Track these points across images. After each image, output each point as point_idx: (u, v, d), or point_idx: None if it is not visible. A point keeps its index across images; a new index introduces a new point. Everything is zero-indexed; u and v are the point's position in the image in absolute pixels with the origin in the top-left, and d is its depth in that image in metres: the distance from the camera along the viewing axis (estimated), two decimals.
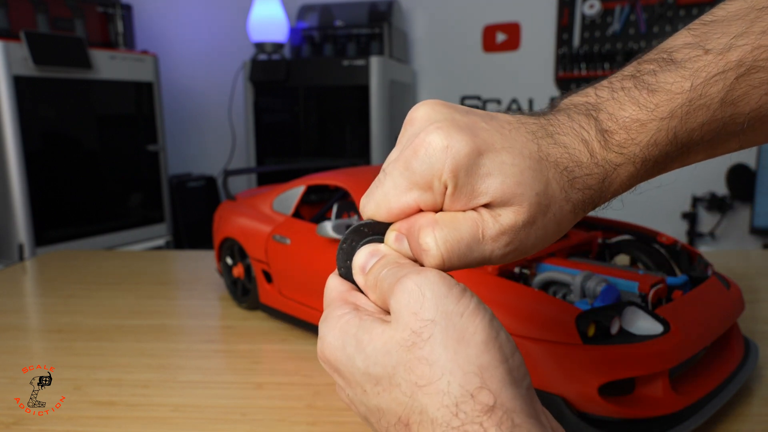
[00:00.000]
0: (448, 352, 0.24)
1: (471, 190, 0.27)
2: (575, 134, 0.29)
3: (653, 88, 0.29)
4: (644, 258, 0.74)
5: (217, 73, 2.89)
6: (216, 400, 0.64)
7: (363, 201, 0.30)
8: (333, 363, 0.28)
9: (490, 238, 0.28)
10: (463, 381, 0.23)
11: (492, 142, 0.27)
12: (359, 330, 0.27)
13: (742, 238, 2.61)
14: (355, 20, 2.68)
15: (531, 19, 2.73)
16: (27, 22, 2.03)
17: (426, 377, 0.24)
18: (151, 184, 2.42)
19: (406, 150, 0.28)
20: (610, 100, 0.30)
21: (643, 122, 0.29)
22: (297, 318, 0.81)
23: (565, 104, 0.31)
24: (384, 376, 0.25)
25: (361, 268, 0.30)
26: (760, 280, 0.98)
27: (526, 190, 0.27)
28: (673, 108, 0.28)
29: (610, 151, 0.29)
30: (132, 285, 1.09)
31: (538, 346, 0.50)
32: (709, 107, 0.28)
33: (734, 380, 0.57)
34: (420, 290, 0.25)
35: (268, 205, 0.89)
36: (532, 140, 0.28)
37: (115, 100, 2.24)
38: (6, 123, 1.87)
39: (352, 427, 0.58)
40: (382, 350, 0.25)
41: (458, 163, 0.27)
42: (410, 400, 0.24)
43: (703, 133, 0.29)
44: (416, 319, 0.25)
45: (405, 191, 0.28)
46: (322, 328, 0.28)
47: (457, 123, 0.28)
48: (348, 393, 0.28)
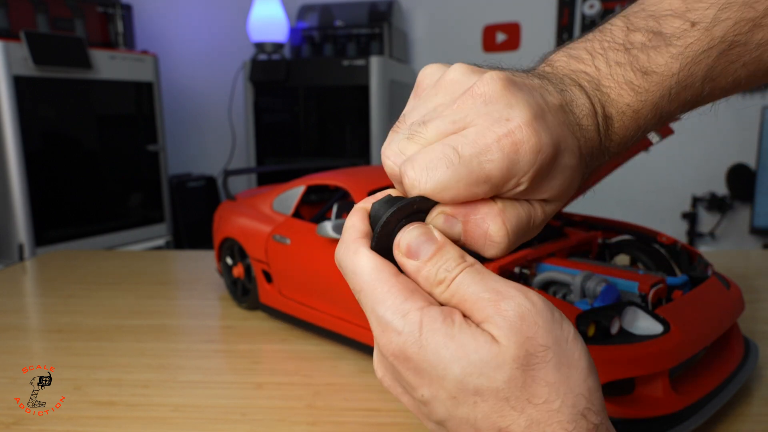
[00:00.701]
0: (561, 375, 0.25)
1: (538, 189, 0.27)
2: (593, 122, 0.29)
3: (646, 69, 0.29)
4: (644, 258, 0.74)
5: (217, 73, 2.89)
6: (216, 400, 0.64)
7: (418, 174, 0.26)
8: (416, 362, 0.25)
9: (536, 227, 0.29)
10: (574, 401, 0.25)
11: (560, 141, 0.27)
12: (459, 334, 0.25)
13: (742, 238, 2.61)
14: (355, 20, 2.68)
15: (531, 19, 2.73)
16: (27, 22, 2.03)
17: (541, 396, 0.25)
18: (151, 184, 2.42)
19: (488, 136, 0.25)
20: (609, 78, 0.30)
21: (636, 110, 0.30)
22: (297, 318, 0.81)
23: (564, 69, 0.30)
24: (489, 389, 0.25)
25: (411, 252, 0.27)
26: (760, 280, 0.98)
27: (571, 190, 0.29)
28: (662, 92, 0.30)
29: (608, 138, 0.30)
30: (132, 285, 1.09)
31: None
32: (693, 85, 0.30)
33: (734, 380, 0.57)
34: (533, 317, 0.25)
35: (268, 205, 0.89)
36: (573, 134, 0.28)
37: (115, 100, 2.24)
38: (6, 123, 1.87)
39: (352, 427, 0.58)
40: (492, 363, 0.24)
41: (543, 167, 0.26)
42: (519, 414, 0.25)
43: (683, 108, 0.31)
44: (533, 343, 0.25)
45: (480, 183, 0.26)
46: (398, 322, 0.26)
47: (536, 114, 0.26)
48: (424, 393, 0.26)
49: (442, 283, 0.27)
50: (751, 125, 2.46)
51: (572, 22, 2.67)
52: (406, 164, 0.27)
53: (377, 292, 0.27)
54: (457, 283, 0.26)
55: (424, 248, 0.27)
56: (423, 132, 0.27)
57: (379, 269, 0.27)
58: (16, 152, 1.91)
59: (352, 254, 0.28)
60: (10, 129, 1.88)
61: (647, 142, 0.64)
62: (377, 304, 0.26)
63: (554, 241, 0.72)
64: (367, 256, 0.27)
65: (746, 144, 2.48)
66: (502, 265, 0.61)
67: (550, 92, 0.28)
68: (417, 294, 0.26)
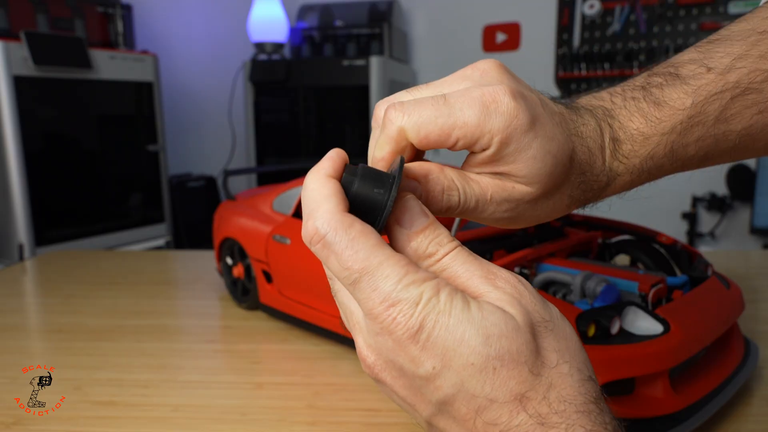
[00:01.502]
0: (563, 344, 0.26)
1: (506, 162, 0.29)
2: (597, 138, 0.32)
3: (659, 101, 0.32)
4: (644, 258, 0.74)
5: (217, 73, 2.89)
6: (216, 400, 0.64)
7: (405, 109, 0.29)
8: (429, 331, 0.24)
9: (496, 201, 0.30)
10: (580, 367, 0.26)
11: (547, 128, 0.29)
12: (473, 303, 0.25)
13: (742, 238, 2.61)
14: (355, 20, 2.69)
15: (531, 19, 2.73)
16: (27, 22, 2.03)
17: (553, 361, 0.25)
18: (151, 184, 2.42)
19: (475, 92, 0.28)
20: (622, 108, 0.32)
21: (646, 136, 0.32)
22: (297, 318, 0.81)
23: (584, 103, 0.33)
24: (510, 351, 0.24)
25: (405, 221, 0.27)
26: (760, 280, 0.98)
27: (548, 180, 0.30)
28: (674, 123, 0.31)
29: (616, 159, 0.32)
30: (132, 285, 1.09)
31: None
32: (705, 124, 0.32)
33: (734, 380, 0.57)
34: (527, 295, 0.27)
35: (268, 205, 0.89)
36: (569, 138, 0.30)
37: (115, 100, 2.24)
38: (6, 123, 1.87)
39: (352, 427, 0.58)
40: (510, 325, 0.25)
41: (516, 132, 0.28)
42: (537, 378, 0.25)
43: (697, 148, 0.32)
44: (535, 315, 0.26)
45: (455, 126, 0.28)
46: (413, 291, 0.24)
47: (525, 96, 0.29)
48: (432, 367, 0.24)
49: (431, 257, 0.27)
50: None
51: (572, 22, 2.67)
52: (394, 105, 0.29)
53: (382, 266, 0.25)
54: (450, 258, 0.27)
55: (418, 220, 0.27)
56: (422, 89, 0.31)
57: (381, 242, 0.26)
58: (16, 152, 1.91)
59: (343, 227, 0.25)
60: (10, 129, 1.88)
61: None
62: (384, 279, 0.25)
63: (554, 241, 0.72)
64: (360, 230, 0.25)
65: None
66: (502, 265, 0.61)
67: (555, 104, 0.31)
68: (421, 269, 0.26)
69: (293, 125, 2.65)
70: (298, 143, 2.66)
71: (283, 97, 2.62)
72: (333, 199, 0.26)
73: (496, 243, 0.69)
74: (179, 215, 2.66)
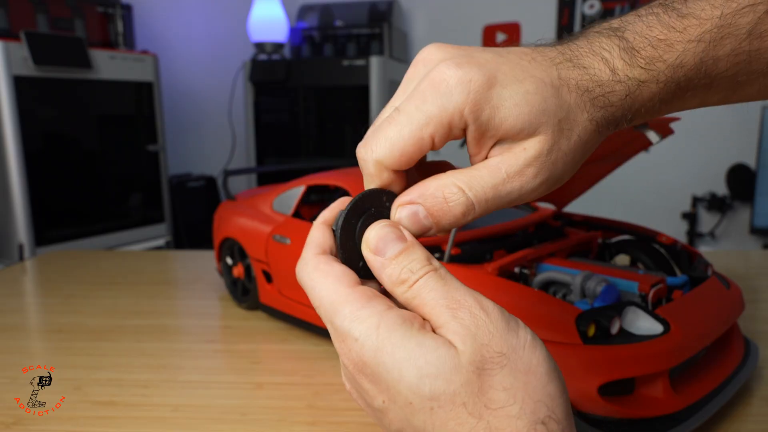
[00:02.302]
0: (518, 381, 0.24)
1: (498, 123, 0.27)
2: (594, 54, 0.29)
3: (683, 13, 0.28)
4: (644, 258, 0.74)
5: (217, 73, 2.89)
6: (216, 400, 0.64)
7: (369, 143, 0.27)
8: (373, 366, 0.25)
9: (516, 173, 0.27)
10: (534, 408, 0.24)
11: (512, 74, 0.27)
12: (416, 335, 0.25)
13: (742, 238, 2.61)
14: (355, 20, 2.68)
15: (531, 19, 2.73)
16: (27, 22, 2.03)
17: (499, 402, 0.24)
18: (151, 184, 2.42)
19: (422, 84, 0.27)
20: (638, 23, 0.29)
21: (670, 42, 0.28)
22: (297, 318, 0.81)
23: (586, 31, 0.31)
24: (445, 393, 0.24)
25: (378, 249, 0.27)
26: (760, 280, 0.98)
27: (549, 117, 0.27)
28: (701, 32, 0.28)
29: (635, 66, 0.28)
30: (132, 285, 1.09)
31: None
32: (737, 37, 0.28)
33: (734, 380, 0.57)
34: (487, 327, 0.25)
35: (268, 205, 0.89)
36: (550, 67, 0.28)
37: (115, 100, 2.24)
38: (6, 123, 1.87)
39: (352, 427, 0.58)
40: (448, 366, 0.24)
41: (480, 96, 0.26)
42: (478, 421, 0.24)
43: (728, 64, 0.29)
44: (488, 349, 0.25)
45: (422, 126, 0.26)
46: (355, 328, 0.26)
47: (475, 58, 0.27)
48: (382, 401, 0.26)
49: (404, 283, 0.27)
50: (751, 125, 2.46)
51: (572, 22, 2.67)
52: (359, 145, 0.28)
53: (335, 304, 0.27)
54: (419, 285, 0.27)
55: (391, 246, 0.27)
56: (381, 115, 0.29)
57: (338, 281, 0.27)
58: (16, 152, 1.91)
59: (310, 270, 0.28)
60: (10, 129, 1.88)
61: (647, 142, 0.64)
62: (335, 315, 0.27)
63: (554, 241, 0.72)
64: (324, 270, 0.28)
65: (746, 144, 2.48)
66: (502, 265, 0.61)
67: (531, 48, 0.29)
68: (376, 299, 0.27)
69: (293, 125, 2.65)
70: (298, 143, 2.66)
71: (283, 97, 2.61)
72: (310, 245, 0.29)
73: (496, 243, 0.69)
74: (179, 215, 2.66)
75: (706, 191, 2.61)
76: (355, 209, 0.28)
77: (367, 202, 0.28)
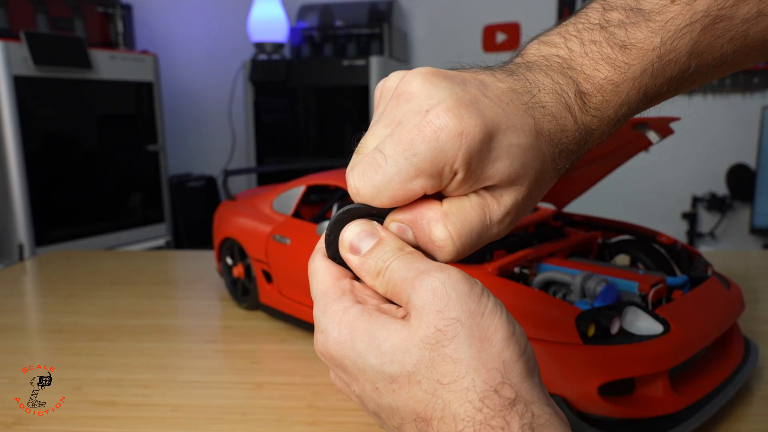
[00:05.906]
0: (472, 350, 0.24)
1: (480, 175, 0.26)
2: (558, 99, 0.28)
3: (624, 44, 0.28)
4: (644, 258, 0.74)
5: (217, 73, 2.89)
6: (216, 400, 0.64)
7: (356, 182, 0.27)
8: (339, 359, 0.27)
9: (497, 222, 0.28)
10: (486, 377, 0.24)
11: (498, 122, 0.26)
12: (372, 326, 0.26)
13: (742, 238, 2.61)
14: (355, 20, 2.68)
15: (531, 19, 2.73)
16: (27, 22, 2.03)
17: (450, 375, 0.24)
18: (151, 184, 2.42)
19: (409, 131, 0.26)
20: (583, 56, 0.29)
21: (617, 83, 0.29)
22: (297, 318, 0.81)
23: (535, 56, 0.30)
24: (402, 374, 0.25)
25: (353, 248, 0.28)
26: (760, 280, 0.98)
27: (528, 170, 0.27)
28: (644, 66, 0.28)
29: (588, 114, 0.29)
30: (132, 285, 1.09)
31: (538, 346, 0.50)
32: (678, 61, 0.29)
33: (734, 380, 0.57)
34: (445, 289, 0.25)
35: (268, 205, 0.89)
36: (527, 112, 0.27)
37: (115, 100, 2.24)
38: (6, 123, 1.87)
39: (352, 427, 0.58)
40: (401, 347, 0.25)
41: (472, 150, 0.25)
42: (432, 397, 0.24)
43: (670, 86, 0.30)
44: (441, 317, 0.25)
45: (411, 179, 0.26)
46: (322, 321, 0.27)
47: (462, 100, 0.26)
48: (355, 389, 0.27)
49: (380, 274, 0.27)
50: (751, 125, 2.46)
51: None
52: (348, 175, 0.28)
53: (317, 296, 0.29)
54: (390, 270, 0.27)
55: (365, 243, 0.28)
56: (364, 142, 0.29)
57: (326, 275, 0.29)
58: (16, 152, 1.91)
59: (311, 262, 0.30)
60: (10, 129, 1.88)
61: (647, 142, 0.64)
62: (316, 308, 0.28)
63: (554, 241, 0.72)
64: (318, 261, 0.30)
65: (746, 144, 2.48)
66: (502, 265, 0.61)
67: (498, 78, 0.28)
68: (347, 295, 0.28)
69: (293, 125, 2.65)
70: (298, 143, 2.66)
71: (283, 97, 2.61)
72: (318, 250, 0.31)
73: (496, 243, 0.69)
74: (179, 215, 2.66)
75: (706, 191, 2.61)
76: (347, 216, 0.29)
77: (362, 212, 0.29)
